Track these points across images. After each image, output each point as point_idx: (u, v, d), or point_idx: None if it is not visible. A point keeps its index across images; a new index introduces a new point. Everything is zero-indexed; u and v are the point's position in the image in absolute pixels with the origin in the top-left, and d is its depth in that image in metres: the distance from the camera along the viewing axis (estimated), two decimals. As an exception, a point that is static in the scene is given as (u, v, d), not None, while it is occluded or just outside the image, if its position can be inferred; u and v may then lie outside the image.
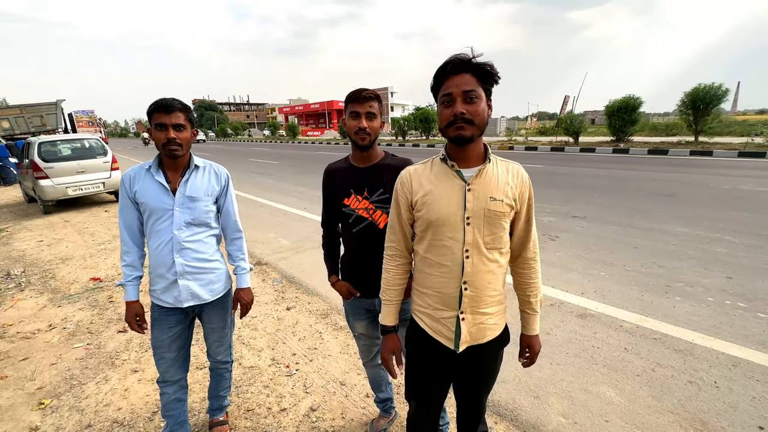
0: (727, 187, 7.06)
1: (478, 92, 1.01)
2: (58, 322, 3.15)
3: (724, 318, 2.75)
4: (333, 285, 1.67)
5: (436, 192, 1.10)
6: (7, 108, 16.19)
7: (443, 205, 1.08)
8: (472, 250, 1.08)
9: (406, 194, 1.16)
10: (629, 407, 1.99)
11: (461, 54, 1.02)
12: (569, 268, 3.76)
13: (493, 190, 1.07)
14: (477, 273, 1.09)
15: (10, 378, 2.44)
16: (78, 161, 7.55)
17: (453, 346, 1.14)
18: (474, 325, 1.13)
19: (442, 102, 1.05)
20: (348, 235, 1.59)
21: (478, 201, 1.07)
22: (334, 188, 1.57)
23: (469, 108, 1.01)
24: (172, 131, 1.46)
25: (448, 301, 1.12)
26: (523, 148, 17.40)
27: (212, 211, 1.67)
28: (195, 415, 2.06)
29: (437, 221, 1.09)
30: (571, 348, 2.51)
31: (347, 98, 1.45)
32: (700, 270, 3.56)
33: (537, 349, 1.26)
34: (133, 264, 1.61)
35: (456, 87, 1.01)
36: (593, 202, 6.31)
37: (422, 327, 1.19)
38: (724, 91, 13.11)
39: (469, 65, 1.01)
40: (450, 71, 1.02)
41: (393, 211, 1.23)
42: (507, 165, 1.12)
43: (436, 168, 1.14)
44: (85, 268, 4.41)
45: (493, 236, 1.09)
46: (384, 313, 1.29)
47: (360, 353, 1.81)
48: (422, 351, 1.22)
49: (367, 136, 1.43)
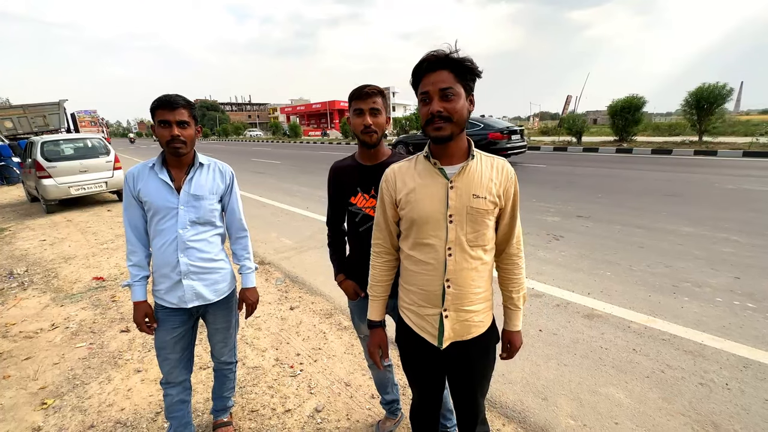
0: (732, 186, 7.00)
1: (455, 89, 0.99)
2: (61, 322, 3.14)
3: (734, 319, 2.72)
4: (340, 284, 1.64)
5: (419, 190, 1.10)
6: (11, 108, 16.25)
7: (426, 204, 1.08)
8: (455, 248, 1.08)
9: (391, 192, 1.16)
10: (639, 409, 1.96)
11: (438, 50, 0.99)
12: (574, 267, 3.73)
13: (476, 187, 1.06)
14: (460, 271, 1.09)
15: (13, 378, 2.42)
16: (81, 161, 7.56)
17: (436, 343, 1.15)
18: (458, 322, 1.13)
19: (421, 100, 1.04)
20: (354, 234, 1.57)
21: (461, 199, 1.06)
22: (340, 186, 1.55)
23: (446, 105, 0.99)
24: (176, 128, 1.44)
25: (432, 299, 1.13)
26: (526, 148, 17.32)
27: (217, 210, 1.64)
28: (199, 416, 2.04)
29: (420, 219, 1.09)
30: (579, 349, 2.48)
31: (350, 96, 1.42)
32: (707, 270, 3.52)
33: (517, 345, 1.26)
34: (140, 264, 1.58)
35: (432, 85, 0.99)
36: (597, 202, 6.27)
37: (407, 323, 1.22)
38: (728, 91, 13.03)
39: (446, 61, 0.98)
40: (426, 69, 1.01)
41: (378, 208, 1.24)
42: (492, 160, 1.11)
43: (420, 165, 1.13)
44: (88, 267, 4.40)
45: (476, 233, 1.08)
46: (371, 309, 1.31)
47: (365, 355, 1.80)
48: (409, 346, 1.25)
49: (374, 134, 1.41)
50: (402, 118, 27.16)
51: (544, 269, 3.73)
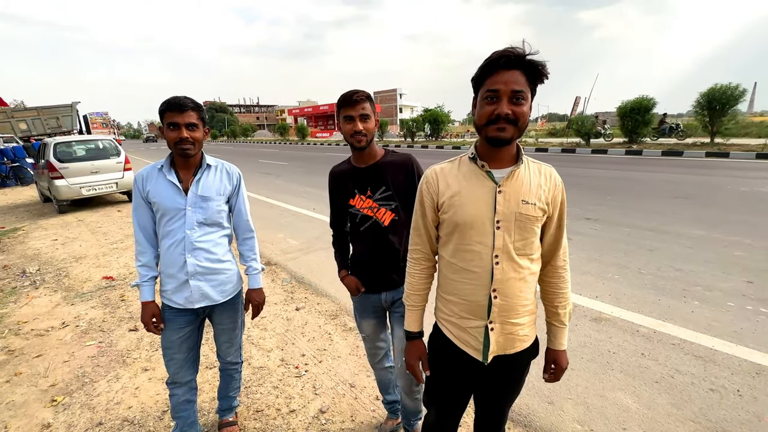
0: (745, 189, 6.87)
1: (525, 93, 0.94)
2: (71, 320, 3.19)
3: (746, 324, 2.66)
4: (342, 279, 1.68)
5: (464, 193, 1.04)
6: (25, 110, 16.61)
7: (472, 208, 1.02)
8: (502, 256, 1.02)
9: (432, 195, 1.10)
10: (648, 415, 1.93)
11: (516, 48, 0.92)
12: (582, 270, 3.68)
13: (526, 192, 1.01)
14: (507, 280, 1.03)
15: (24, 374, 2.47)
16: (92, 162, 7.69)
17: (481, 358, 1.08)
18: (503, 335, 1.07)
19: (486, 97, 0.96)
20: (356, 234, 1.62)
21: (509, 204, 1.00)
22: (339, 190, 1.61)
23: (515, 109, 0.94)
24: (185, 131, 1.46)
25: (476, 310, 1.06)
26: (533, 150, 17.22)
27: (224, 211, 1.66)
28: (204, 415, 2.05)
29: (465, 224, 1.03)
30: (586, 353, 2.45)
31: (339, 103, 1.46)
32: (718, 274, 3.46)
33: (564, 366, 1.17)
34: (149, 264, 1.60)
35: (505, 84, 0.92)
36: (606, 204, 6.20)
37: (447, 335, 1.14)
38: (741, 92, 12.80)
39: (522, 62, 0.92)
40: (502, 65, 0.93)
41: (417, 212, 1.17)
42: (539, 167, 1.06)
43: (465, 167, 1.07)
44: (98, 266, 4.46)
45: (525, 241, 1.03)
46: (408, 319, 1.24)
47: (367, 356, 1.82)
48: (446, 360, 1.16)
49: (363, 138, 1.46)
50: (409, 120, 27.11)
51: (551, 272, 3.69)
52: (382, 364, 1.79)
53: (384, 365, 1.79)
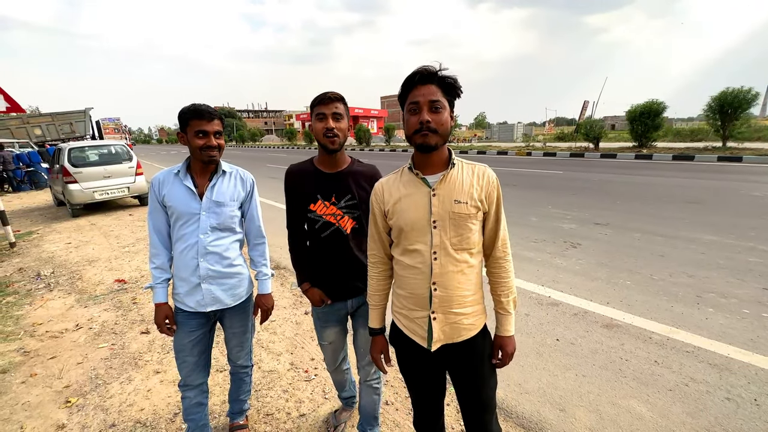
0: (759, 194, 6.76)
1: (442, 102, 1.07)
2: (85, 322, 3.24)
3: (762, 332, 2.61)
4: (305, 292, 1.65)
5: (404, 200, 1.17)
6: (40, 116, 17.00)
7: (411, 212, 1.15)
8: (440, 252, 1.13)
9: (380, 204, 1.24)
10: (662, 424, 1.90)
11: (429, 66, 1.08)
12: (592, 276, 3.65)
13: (458, 193, 1.12)
14: (445, 273, 1.13)
15: (39, 376, 2.51)
16: (105, 166, 7.84)
17: (426, 345, 1.19)
18: (447, 325, 1.16)
19: (409, 110, 1.10)
20: (315, 240, 1.58)
21: (444, 205, 1.12)
22: (298, 191, 1.57)
23: (434, 117, 1.06)
24: (213, 139, 1.52)
25: (420, 302, 1.18)
26: (541, 154, 17.14)
27: (237, 216, 1.68)
28: (215, 418, 2.07)
29: (407, 227, 1.16)
30: (598, 359, 2.42)
31: (313, 102, 1.49)
32: (732, 280, 3.40)
33: (509, 351, 1.24)
34: (162, 266, 1.63)
35: (422, 96, 1.06)
36: (616, 209, 6.14)
37: (399, 327, 1.26)
38: (753, 95, 12.63)
39: (435, 77, 1.07)
40: (418, 81, 1.08)
41: (371, 220, 1.29)
42: (473, 167, 1.17)
43: (405, 177, 1.20)
44: (110, 269, 4.53)
45: (460, 237, 1.13)
46: (371, 317, 1.38)
47: (326, 362, 1.84)
48: (402, 349, 1.29)
49: (336, 138, 1.45)
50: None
51: (560, 277, 3.67)
52: (342, 367, 1.84)
53: (343, 367, 1.86)
